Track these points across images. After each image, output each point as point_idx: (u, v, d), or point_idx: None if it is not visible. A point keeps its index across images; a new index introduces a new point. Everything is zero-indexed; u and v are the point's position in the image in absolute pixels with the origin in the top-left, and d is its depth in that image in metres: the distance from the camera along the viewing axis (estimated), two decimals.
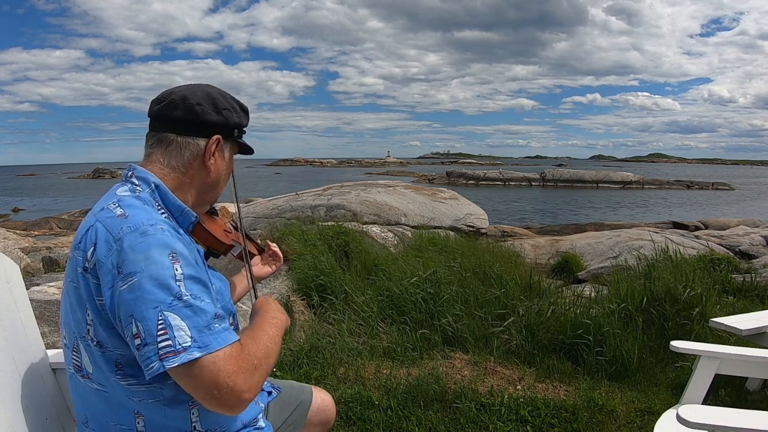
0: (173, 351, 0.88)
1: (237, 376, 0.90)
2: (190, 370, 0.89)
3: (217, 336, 0.92)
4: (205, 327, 0.91)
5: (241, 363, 0.92)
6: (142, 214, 0.99)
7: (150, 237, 0.94)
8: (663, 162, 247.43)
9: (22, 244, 10.06)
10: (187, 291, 0.92)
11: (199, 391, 0.90)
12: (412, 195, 8.15)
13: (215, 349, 0.90)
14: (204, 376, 0.89)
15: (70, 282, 1.01)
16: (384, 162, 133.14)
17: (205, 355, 0.89)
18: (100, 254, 0.94)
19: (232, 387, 0.90)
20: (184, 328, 0.89)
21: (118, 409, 1.02)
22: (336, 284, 3.83)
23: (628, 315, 3.28)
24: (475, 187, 42.62)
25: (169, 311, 0.90)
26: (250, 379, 0.92)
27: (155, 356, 0.89)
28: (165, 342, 0.88)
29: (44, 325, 2.50)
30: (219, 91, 1.16)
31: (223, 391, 0.89)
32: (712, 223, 16.16)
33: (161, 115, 1.12)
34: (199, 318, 0.92)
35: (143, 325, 0.89)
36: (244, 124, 1.20)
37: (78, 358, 1.02)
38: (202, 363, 0.89)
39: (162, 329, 0.89)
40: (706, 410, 1.47)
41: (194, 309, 0.92)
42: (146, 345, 0.89)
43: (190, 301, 0.92)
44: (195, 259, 1.01)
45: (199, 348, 0.89)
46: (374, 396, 2.58)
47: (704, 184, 47.13)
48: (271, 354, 1.01)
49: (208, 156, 1.12)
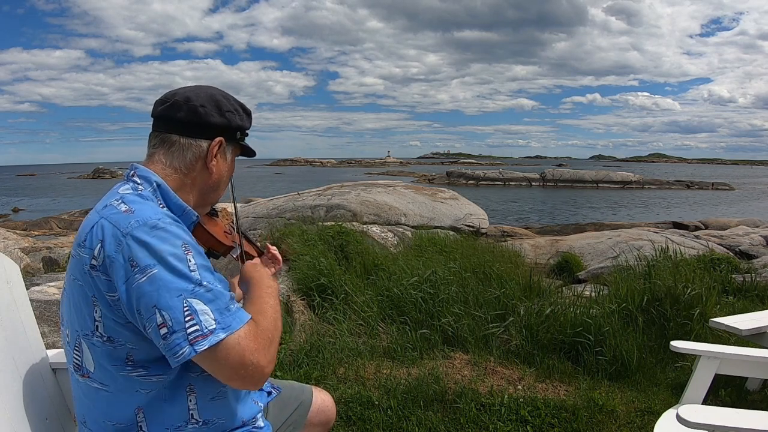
0: (202, 335, 0.93)
1: (259, 353, 0.97)
2: (217, 352, 0.94)
3: (236, 316, 0.98)
4: (225, 309, 0.97)
5: (259, 339, 0.98)
6: (147, 208, 1.00)
7: (160, 230, 0.96)
8: (663, 162, 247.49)
9: (22, 244, 10.06)
10: (203, 279, 0.97)
11: (227, 372, 0.95)
12: (412, 195, 8.15)
13: (236, 328, 0.96)
14: (231, 357, 0.94)
15: (74, 280, 1.01)
16: (384, 162, 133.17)
17: (230, 335, 0.95)
18: (109, 250, 0.95)
19: (256, 364, 0.96)
20: (208, 312, 0.94)
21: (118, 407, 1.02)
22: (336, 284, 3.83)
23: (628, 315, 3.28)
24: (475, 187, 42.62)
25: (193, 298, 0.94)
26: (268, 353, 0.99)
27: (185, 342, 0.92)
28: (193, 327, 0.93)
29: (44, 325, 2.50)
30: (222, 93, 1.17)
31: (249, 369, 0.95)
32: (712, 223, 16.16)
33: (165, 115, 1.12)
34: (220, 301, 0.97)
35: (170, 314, 0.92)
36: (247, 127, 1.21)
37: (79, 356, 1.03)
38: (228, 344, 0.94)
39: (189, 315, 0.93)
40: (706, 410, 1.47)
41: (214, 293, 0.97)
42: (174, 332, 0.92)
43: (209, 286, 0.97)
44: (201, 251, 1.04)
45: (223, 329, 0.94)
46: (374, 396, 2.58)
47: (704, 184, 47.13)
48: (278, 325, 1.07)
49: (210, 158, 1.13)
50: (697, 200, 33.30)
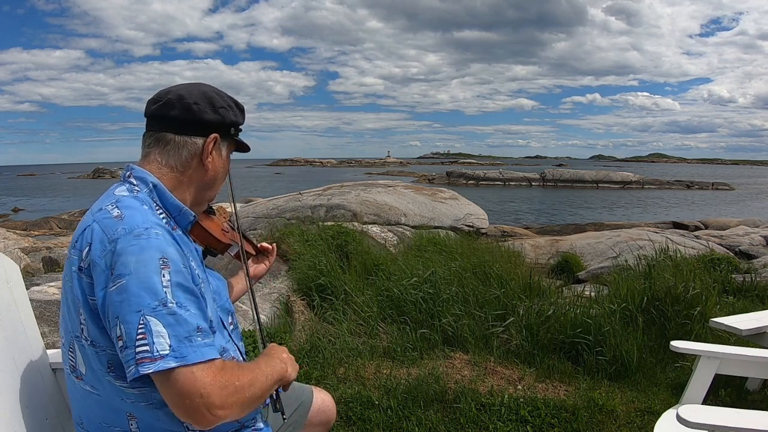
0: (150, 357, 0.89)
1: (212, 389, 0.90)
2: (167, 377, 0.89)
3: (196, 349, 0.91)
4: (186, 338, 0.91)
5: (219, 378, 0.91)
6: (138, 216, 0.99)
7: (143, 240, 0.94)
8: (663, 162, 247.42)
9: (22, 244, 10.06)
10: (173, 298, 0.92)
11: (172, 399, 0.90)
12: (412, 195, 8.15)
13: (192, 362, 0.90)
14: (178, 385, 0.89)
15: (67, 281, 1.02)
16: (384, 162, 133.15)
17: (181, 367, 0.89)
18: (94, 254, 0.95)
19: (205, 399, 0.89)
20: (164, 335, 0.90)
21: (110, 411, 1.02)
22: (336, 284, 3.83)
23: (628, 315, 3.28)
24: (475, 187, 42.61)
25: (152, 316, 0.90)
26: (226, 396, 0.91)
27: (132, 360, 0.89)
28: (143, 347, 0.89)
29: (44, 325, 2.50)
30: (215, 89, 1.17)
31: (195, 401, 0.88)
32: (712, 223, 16.15)
33: (158, 114, 1.12)
34: (181, 328, 0.91)
35: (125, 328, 0.90)
36: (241, 122, 1.20)
37: (73, 358, 1.03)
38: (179, 372, 0.89)
39: (141, 334, 0.89)
40: (706, 410, 1.47)
41: (177, 318, 0.92)
42: (126, 348, 0.90)
43: (174, 308, 0.92)
44: (189, 264, 1.01)
45: (175, 358, 0.89)
46: (374, 396, 2.58)
47: (704, 184, 47.12)
48: (255, 384, 0.98)
49: (206, 154, 1.13)
50: (697, 200, 33.29)
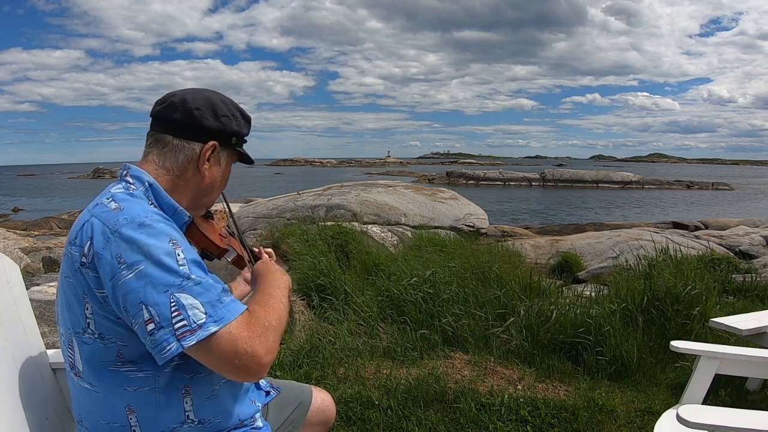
0: (189, 330, 0.91)
1: (253, 341, 0.94)
2: (208, 344, 0.93)
3: (229, 307, 0.96)
4: (217, 301, 0.95)
5: (254, 328, 0.96)
6: (136, 206, 1.00)
7: (148, 227, 0.96)
8: (663, 162, 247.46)
9: (22, 244, 10.06)
10: (191, 272, 0.95)
11: (221, 363, 0.94)
12: (412, 195, 8.15)
13: (230, 320, 0.94)
14: (222, 348, 0.92)
15: (66, 278, 1.02)
16: (384, 162, 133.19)
17: (222, 328, 0.93)
18: (97, 247, 0.95)
19: (251, 353, 0.93)
20: (198, 305, 0.93)
21: (108, 408, 1.02)
22: (336, 284, 3.83)
23: (628, 315, 3.28)
24: (475, 187, 42.61)
25: (181, 292, 0.93)
26: (265, 342, 0.96)
27: (172, 337, 0.91)
28: (180, 322, 0.91)
29: (44, 325, 2.50)
30: (222, 97, 1.16)
31: (243, 359, 0.93)
32: (712, 223, 16.15)
33: (161, 116, 1.13)
34: (210, 293, 0.95)
35: (156, 310, 0.91)
36: (245, 133, 1.19)
37: (72, 355, 1.03)
38: (219, 335, 0.92)
39: (176, 310, 0.91)
40: (706, 410, 1.47)
41: (204, 285, 0.95)
42: (161, 328, 0.91)
43: (198, 279, 0.96)
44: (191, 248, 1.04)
45: (215, 322, 0.93)
46: (374, 396, 2.58)
47: (704, 184, 47.12)
48: (280, 315, 1.04)
49: (202, 161, 1.12)
50: (697, 200, 33.29)
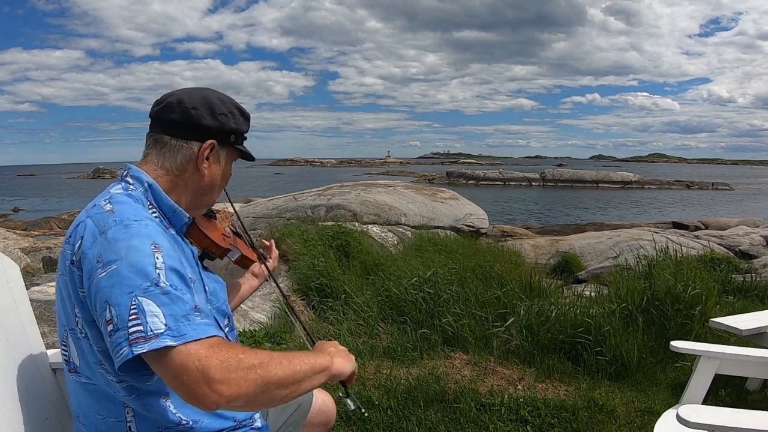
0: (143, 337, 0.85)
1: (209, 361, 0.84)
2: (161, 356, 0.85)
3: (196, 327, 0.88)
4: (183, 316, 0.88)
5: (218, 352, 0.86)
6: (129, 209, 1.00)
7: (133, 229, 0.95)
8: (663, 162, 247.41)
9: (22, 244, 10.06)
10: (166, 280, 0.91)
11: (169, 379, 0.86)
12: (412, 195, 8.14)
13: (192, 339, 0.86)
14: (173, 362, 0.85)
15: (61, 275, 1.03)
16: (384, 162, 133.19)
17: (179, 345, 0.85)
18: (85, 246, 0.96)
19: (202, 371, 0.83)
20: (159, 314, 0.87)
21: (106, 402, 1.02)
22: (336, 284, 3.83)
23: (628, 315, 3.28)
24: (475, 187, 42.61)
25: (144, 297, 0.88)
26: (227, 372, 0.84)
27: (125, 341, 0.86)
28: (136, 327, 0.86)
29: (44, 325, 2.50)
30: (219, 95, 1.15)
31: (192, 376, 0.83)
32: (712, 223, 16.15)
33: (158, 116, 1.13)
34: (177, 306, 0.89)
35: (116, 310, 0.88)
36: (243, 131, 1.18)
37: (67, 351, 1.04)
38: (175, 350, 0.85)
39: (134, 314, 0.87)
40: (706, 410, 1.47)
41: (172, 297, 0.89)
42: (118, 330, 0.87)
43: (167, 288, 0.89)
44: (180, 257, 1.00)
45: (173, 337, 0.85)
46: (374, 396, 2.58)
47: (704, 184, 47.12)
48: (271, 364, 0.89)
49: (201, 160, 1.12)
50: (697, 200, 33.28)
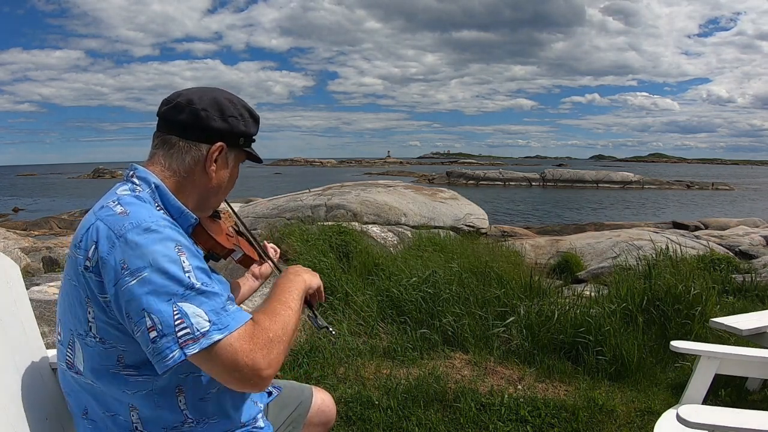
0: (192, 338, 0.90)
1: (255, 354, 0.92)
2: (210, 353, 0.91)
3: (234, 316, 0.95)
4: (222, 309, 0.94)
5: (256, 340, 0.94)
6: (143, 211, 0.99)
7: (154, 233, 0.95)
8: (663, 162, 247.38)
9: (22, 244, 10.06)
10: (197, 280, 0.94)
11: (222, 374, 0.93)
12: (412, 195, 8.14)
13: (234, 328, 0.93)
14: (223, 359, 0.91)
15: (69, 281, 1.01)
16: (384, 162, 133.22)
17: (225, 336, 0.91)
18: (102, 251, 0.94)
19: (251, 366, 0.92)
20: (201, 314, 0.92)
21: (112, 401, 1.03)
22: (336, 284, 3.83)
23: (628, 315, 3.28)
24: (475, 187, 42.59)
25: (184, 301, 0.92)
26: (268, 354, 0.94)
27: (175, 345, 0.90)
28: (183, 330, 0.90)
29: (44, 325, 2.50)
30: (229, 96, 1.15)
31: (244, 371, 0.91)
32: (712, 223, 16.13)
33: (167, 116, 1.12)
34: (214, 302, 0.94)
35: (159, 317, 0.90)
36: (252, 133, 1.18)
37: (71, 355, 1.04)
38: (221, 345, 0.91)
39: (179, 318, 0.91)
40: (706, 410, 1.47)
41: (208, 294, 0.94)
42: (164, 336, 0.90)
43: (202, 288, 0.94)
44: (198, 251, 1.03)
45: (219, 330, 0.92)
46: (374, 396, 2.58)
47: (704, 184, 47.11)
48: (286, 323, 1.01)
49: (210, 162, 1.11)
50: (697, 200, 33.26)
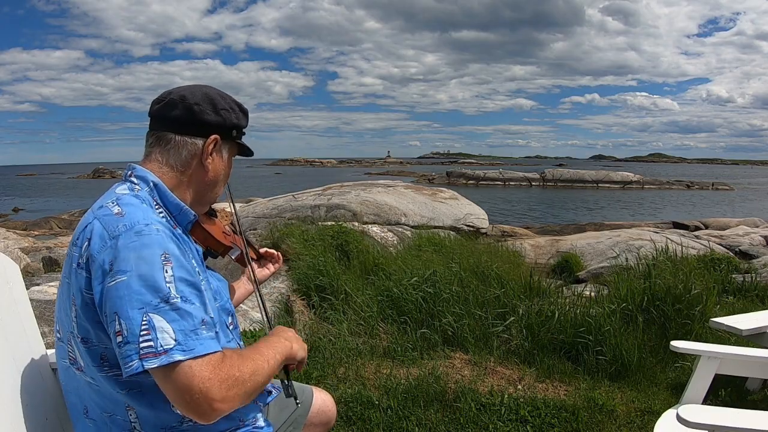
0: (154, 352, 0.89)
1: (212, 383, 0.90)
2: (167, 372, 0.90)
3: (203, 342, 0.92)
4: (191, 331, 0.92)
5: (219, 372, 0.92)
6: (138, 212, 1.00)
7: (144, 237, 0.95)
8: (663, 162, 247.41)
9: (22, 244, 10.06)
10: (177, 293, 0.93)
11: (173, 394, 0.91)
12: (412, 195, 8.14)
13: (198, 354, 0.90)
14: (179, 380, 0.89)
15: (65, 278, 1.03)
16: (384, 162, 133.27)
17: (187, 360, 0.89)
18: (93, 249, 0.96)
19: (204, 393, 0.89)
20: (169, 330, 0.90)
21: (110, 401, 1.03)
22: (336, 284, 3.83)
23: (628, 315, 3.28)
24: (475, 187, 42.60)
25: (155, 313, 0.90)
26: (227, 390, 0.91)
27: (135, 355, 0.89)
28: (147, 342, 0.89)
29: (44, 325, 2.50)
30: (218, 92, 1.18)
31: (194, 397, 0.89)
32: (712, 223, 16.13)
33: (160, 114, 1.14)
34: (186, 322, 0.92)
35: (126, 324, 0.90)
36: (243, 125, 1.21)
37: (72, 352, 1.04)
38: (181, 366, 0.89)
39: (145, 330, 0.90)
40: (706, 410, 1.47)
41: (181, 312, 0.92)
42: (128, 343, 0.90)
43: (177, 304, 0.92)
44: (189, 261, 1.02)
45: (182, 351, 0.90)
46: (374, 396, 2.58)
47: (704, 184, 47.11)
48: (255, 371, 0.98)
49: (206, 156, 1.14)
50: (697, 200, 33.27)
